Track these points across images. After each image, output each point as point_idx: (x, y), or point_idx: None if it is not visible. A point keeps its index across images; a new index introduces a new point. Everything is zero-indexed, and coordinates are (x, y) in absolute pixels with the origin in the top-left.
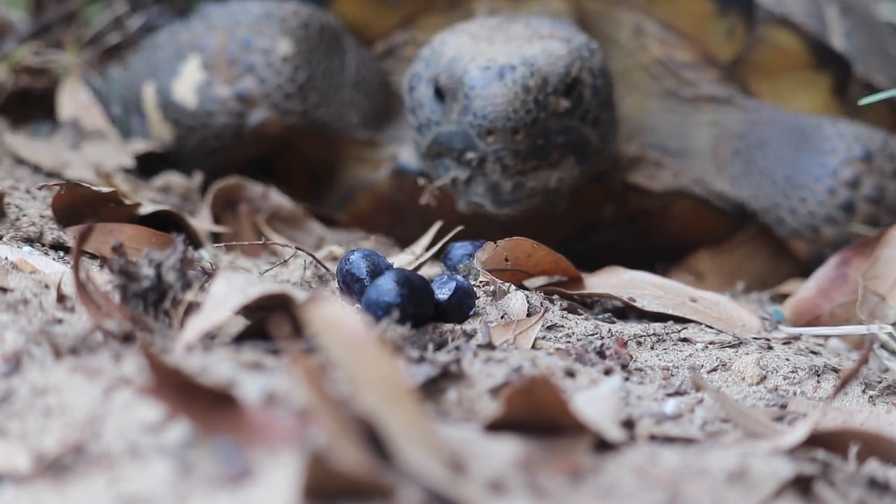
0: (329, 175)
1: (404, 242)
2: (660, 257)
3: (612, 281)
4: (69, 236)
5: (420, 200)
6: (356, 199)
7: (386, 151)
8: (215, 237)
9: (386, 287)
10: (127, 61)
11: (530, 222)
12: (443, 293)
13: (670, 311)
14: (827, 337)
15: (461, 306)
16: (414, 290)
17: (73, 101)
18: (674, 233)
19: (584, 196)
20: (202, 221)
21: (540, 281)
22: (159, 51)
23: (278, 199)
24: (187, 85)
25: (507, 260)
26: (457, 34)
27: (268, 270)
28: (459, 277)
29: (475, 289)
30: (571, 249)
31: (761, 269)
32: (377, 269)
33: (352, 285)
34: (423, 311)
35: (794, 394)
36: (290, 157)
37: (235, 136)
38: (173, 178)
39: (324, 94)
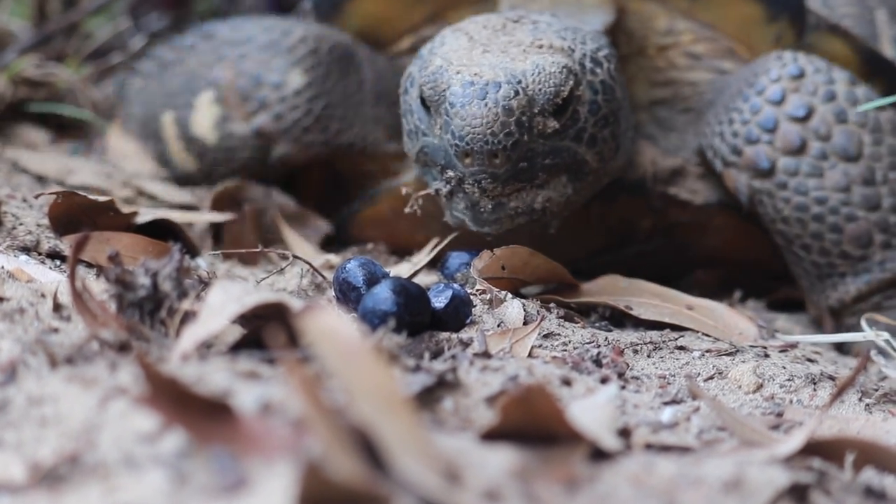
0: (348, 182)
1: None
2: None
3: (610, 289)
4: (66, 245)
5: (405, 210)
6: (378, 202)
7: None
8: (214, 242)
9: (382, 295)
10: (143, 77)
11: (560, 233)
12: (439, 301)
13: (666, 320)
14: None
15: (458, 314)
16: (410, 298)
17: (119, 148)
18: (714, 246)
19: (621, 209)
20: (203, 214)
21: (536, 289)
22: (170, 75)
23: (281, 198)
24: (205, 120)
25: (503, 268)
26: (456, 34)
27: (264, 279)
28: (456, 286)
29: (472, 297)
30: (603, 261)
31: None
32: (374, 278)
33: (348, 294)
34: (419, 320)
35: (791, 402)
36: (311, 168)
37: (261, 166)
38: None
39: (343, 119)
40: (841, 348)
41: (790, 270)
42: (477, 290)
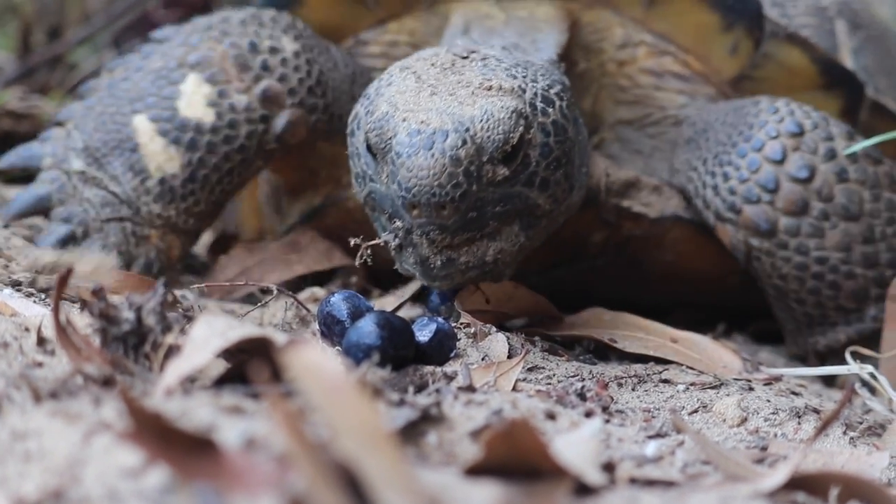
0: (291, 195)
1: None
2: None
3: (594, 321)
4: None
5: (355, 262)
6: (325, 217)
7: None
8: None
9: (366, 329)
10: (93, 97)
11: None
12: (423, 335)
13: (651, 353)
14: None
15: (442, 348)
16: (395, 332)
17: None
18: (669, 261)
19: (573, 221)
20: None
21: (521, 322)
22: (126, 84)
23: None
24: (197, 101)
25: (487, 301)
26: (404, 73)
27: (249, 312)
28: (440, 319)
29: (456, 331)
30: (557, 276)
31: None
32: (358, 312)
33: (333, 328)
34: (403, 354)
35: (775, 435)
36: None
37: (259, 147)
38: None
39: (335, 89)
40: (825, 381)
41: (776, 315)
42: (461, 324)
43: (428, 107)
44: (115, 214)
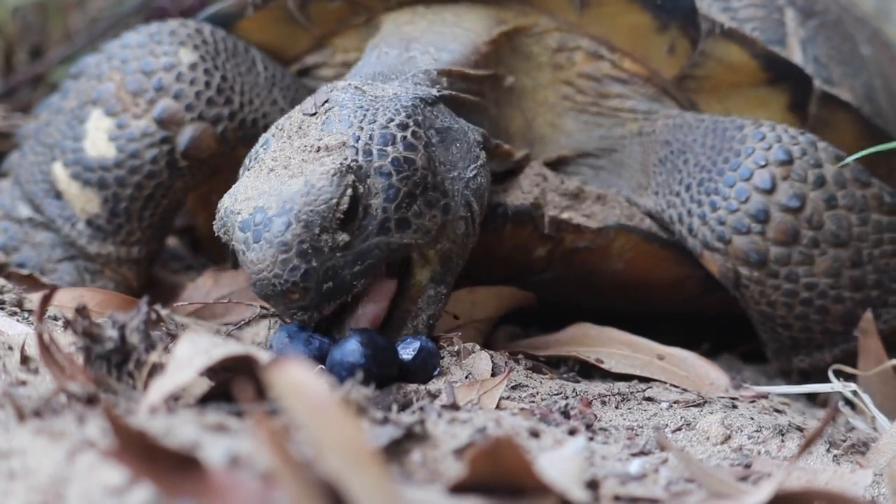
0: None
1: None
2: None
3: (580, 339)
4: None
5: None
6: None
7: None
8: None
9: (350, 348)
10: (25, 145)
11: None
12: (407, 353)
13: (638, 372)
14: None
15: (426, 366)
16: (378, 350)
17: None
18: (620, 270)
19: (512, 238)
20: None
21: (505, 341)
22: (49, 129)
23: None
24: (99, 138)
25: (456, 317)
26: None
27: (233, 330)
28: (423, 338)
29: (439, 349)
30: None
31: None
32: (313, 344)
33: None
34: (387, 372)
35: (759, 453)
36: (205, 207)
37: (170, 168)
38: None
39: (244, 94)
40: (809, 399)
41: (759, 335)
42: (444, 342)
43: (261, 190)
44: (66, 254)
